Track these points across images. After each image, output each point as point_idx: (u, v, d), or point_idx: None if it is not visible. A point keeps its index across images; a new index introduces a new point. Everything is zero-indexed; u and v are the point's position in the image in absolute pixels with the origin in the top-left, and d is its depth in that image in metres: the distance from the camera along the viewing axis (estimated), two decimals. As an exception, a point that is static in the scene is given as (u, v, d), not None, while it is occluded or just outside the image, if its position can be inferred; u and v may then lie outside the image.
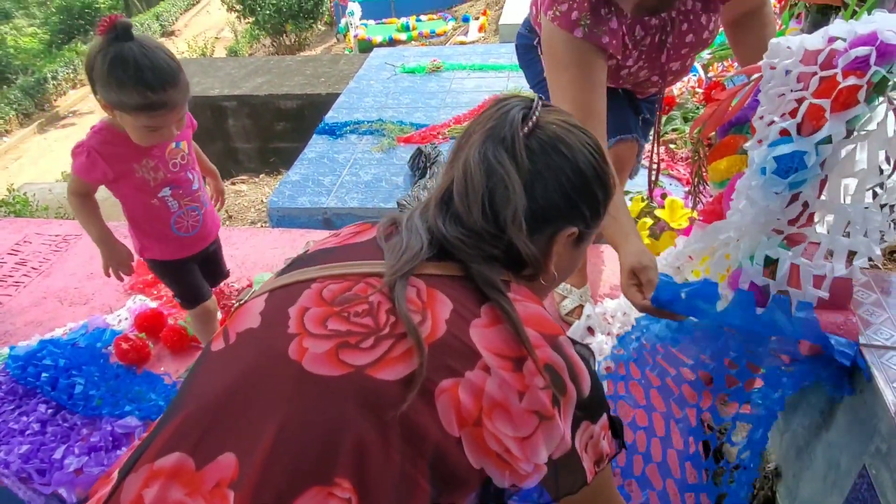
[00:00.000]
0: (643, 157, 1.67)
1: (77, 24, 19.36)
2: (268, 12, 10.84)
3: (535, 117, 0.73)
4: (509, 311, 0.67)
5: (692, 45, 1.39)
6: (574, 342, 0.72)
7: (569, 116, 0.78)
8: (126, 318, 1.94)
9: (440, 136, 3.27)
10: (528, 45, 1.64)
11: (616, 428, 0.75)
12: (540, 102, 0.75)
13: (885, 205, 0.91)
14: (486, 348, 0.65)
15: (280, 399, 0.62)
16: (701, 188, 1.49)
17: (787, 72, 0.95)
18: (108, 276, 1.54)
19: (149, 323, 1.87)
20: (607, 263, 1.98)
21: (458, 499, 0.66)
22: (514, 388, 0.63)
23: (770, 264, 1.02)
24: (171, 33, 19.00)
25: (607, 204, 0.79)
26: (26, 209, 5.15)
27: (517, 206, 0.70)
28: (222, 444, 0.61)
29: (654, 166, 1.60)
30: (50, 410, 1.64)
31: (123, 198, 1.45)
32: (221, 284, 1.92)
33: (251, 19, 11.40)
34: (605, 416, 0.72)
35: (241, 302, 0.78)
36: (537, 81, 1.65)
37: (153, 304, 1.98)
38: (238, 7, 11.20)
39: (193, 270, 1.60)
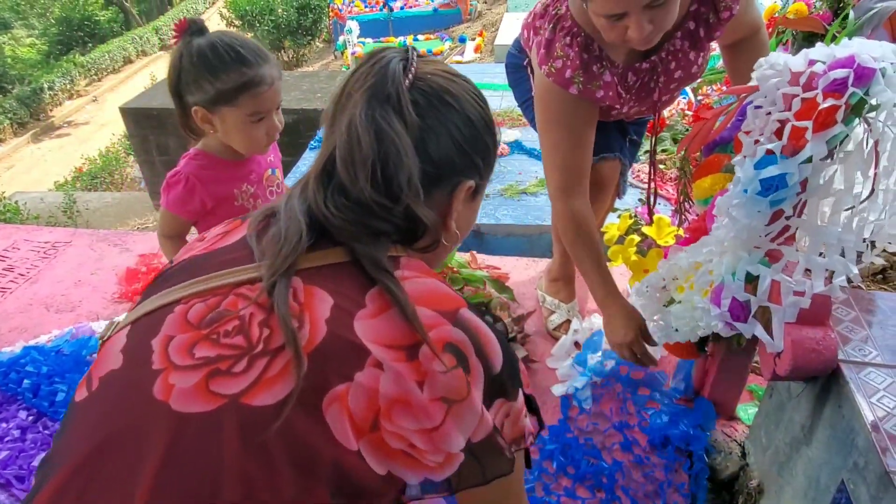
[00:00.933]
0: (631, 176, 1.71)
1: (76, 35, 19.45)
2: (266, 28, 10.97)
3: (413, 68, 0.67)
4: (396, 294, 0.60)
5: (681, 80, 1.42)
6: (485, 313, 0.69)
7: (444, 65, 0.74)
8: (112, 326, 1.94)
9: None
10: (517, 65, 1.67)
11: (532, 405, 0.69)
12: (415, 51, 0.71)
13: (862, 225, 0.92)
14: (375, 341, 0.58)
15: (152, 449, 0.54)
16: (687, 206, 1.51)
17: (776, 90, 0.97)
18: None
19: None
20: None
21: None
22: (412, 379, 0.57)
23: (751, 280, 1.03)
24: (170, 47, 19.12)
25: (496, 152, 0.76)
26: (17, 217, 5.14)
27: (412, 169, 0.65)
28: None
29: (652, 187, 1.62)
30: (31, 417, 1.62)
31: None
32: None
33: (250, 35, 11.50)
34: (521, 394, 0.66)
35: (103, 339, 0.68)
36: (525, 100, 1.68)
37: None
38: (237, 22, 11.31)
39: None
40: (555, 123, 1.37)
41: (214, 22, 20.28)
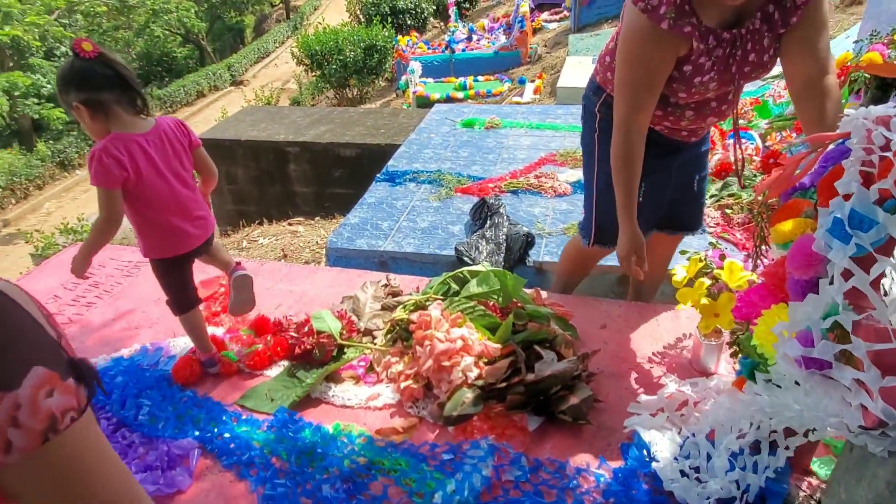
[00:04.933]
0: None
1: (155, 69, 20.68)
2: (334, 67, 11.41)
3: None
4: None
5: (754, 66, 1.57)
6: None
7: None
8: (188, 345, 2.03)
9: (497, 189, 3.35)
10: (589, 110, 1.87)
11: (82, 373, 0.58)
12: None
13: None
14: None
15: None
16: (762, 251, 1.49)
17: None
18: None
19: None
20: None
21: None
22: None
23: (835, 329, 1.01)
24: (241, 83, 20.09)
25: None
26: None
27: None
28: None
29: (739, 158, 1.93)
30: (111, 427, 1.71)
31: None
32: (281, 316, 2.02)
33: (318, 73, 12.00)
34: (37, 370, 0.54)
35: None
36: (587, 143, 1.93)
37: (218, 331, 2.07)
38: (307, 61, 11.82)
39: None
40: (637, 61, 1.54)
41: (283, 60, 21.27)
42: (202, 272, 2.51)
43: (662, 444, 1.51)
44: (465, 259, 2.54)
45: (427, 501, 1.39)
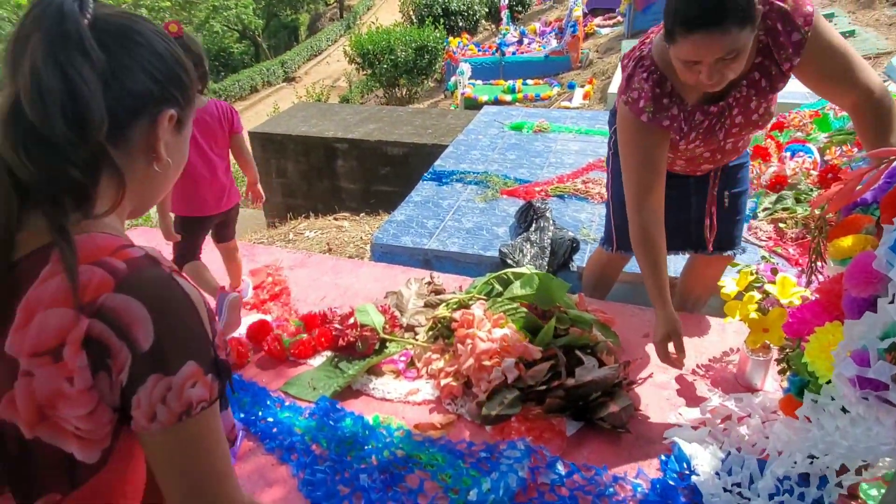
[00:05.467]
0: (747, 232, 1.79)
1: (212, 64, 21.26)
2: (385, 66, 11.55)
3: (90, 9, 0.68)
4: (32, 296, 0.64)
5: (742, 126, 1.60)
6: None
7: (121, 8, 0.76)
8: (238, 330, 2.09)
9: (543, 193, 3.34)
10: (611, 123, 1.92)
11: (219, 370, 0.71)
12: None
13: None
14: (22, 353, 0.64)
15: None
16: (818, 266, 1.46)
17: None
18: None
19: (256, 331, 2.00)
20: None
21: (58, 491, 0.68)
22: (62, 377, 0.64)
23: (895, 349, 0.99)
24: (293, 79, 20.53)
25: (193, 87, 0.78)
26: (149, 224, 5.65)
27: (100, 105, 0.66)
28: None
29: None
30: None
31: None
32: (326, 309, 2.07)
33: (368, 71, 12.16)
34: (190, 365, 0.67)
35: None
36: (608, 154, 2.01)
37: (267, 318, 2.13)
38: (358, 60, 11.99)
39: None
40: (631, 145, 1.60)
41: (335, 58, 21.62)
42: (251, 261, 2.59)
43: (703, 458, 1.49)
44: (509, 261, 2.54)
45: (462, 498, 1.40)
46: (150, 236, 2.88)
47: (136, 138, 0.72)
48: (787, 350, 1.52)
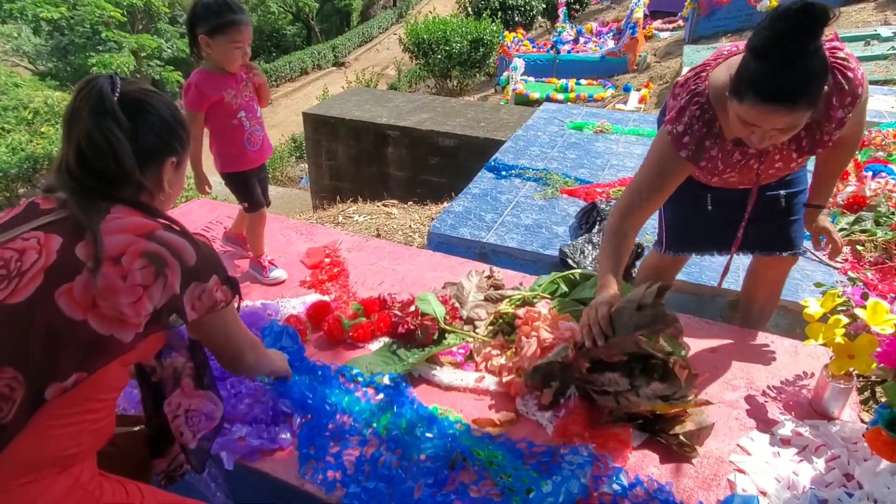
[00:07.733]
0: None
1: (265, 44, 21.57)
2: (440, 56, 11.51)
3: (119, 88, 1.05)
4: (93, 229, 0.98)
5: (778, 170, 1.66)
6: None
7: (142, 83, 1.13)
8: (297, 307, 2.09)
9: (605, 195, 3.26)
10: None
11: (231, 284, 1.16)
12: (119, 77, 1.07)
13: None
14: (87, 257, 0.97)
15: None
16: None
17: None
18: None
19: (316, 311, 1.99)
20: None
21: (104, 362, 0.98)
22: (118, 276, 0.97)
23: None
24: (343, 64, 20.64)
25: (188, 138, 1.17)
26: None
27: (129, 154, 1.04)
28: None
29: None
30: (217, 372, 1.76)
31: (214, 123, 2.10)
32: (385, 294, 2.04)
33: (422, 60, 12.14)
34: (215, 277, 1.11)
35: None
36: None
37: (326, 298, 2.12)
38: (413, 48, 11.98)
39: (256, 184, 2.26)
40: (654, 165, 1.62)
41: (385, 46, 21.66)
42: (310, 240, 2.59)
43: (772, 485, 1.42)
44: (570, 262, 2.48)
45: (521, 498, 1.36)
46: (209, 207, 2.91)
47: (151, 177, 1.12)
48: (875, 379, 1.44)
